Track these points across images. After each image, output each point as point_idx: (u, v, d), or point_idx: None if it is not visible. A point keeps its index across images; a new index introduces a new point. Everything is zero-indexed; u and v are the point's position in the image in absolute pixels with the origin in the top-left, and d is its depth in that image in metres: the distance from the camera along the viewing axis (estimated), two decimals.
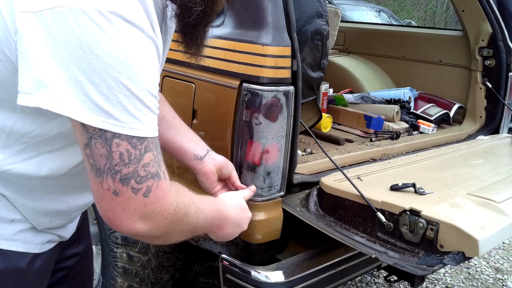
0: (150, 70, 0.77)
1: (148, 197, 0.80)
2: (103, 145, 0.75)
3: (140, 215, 0.80)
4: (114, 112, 0.74)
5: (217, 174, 1.33)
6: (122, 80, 0.73)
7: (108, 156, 0.75)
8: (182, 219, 0.89)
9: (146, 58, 0.76)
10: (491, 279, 3.01)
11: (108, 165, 0.76)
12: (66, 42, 0.71)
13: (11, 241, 0.93)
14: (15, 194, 0.91)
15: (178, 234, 0.93)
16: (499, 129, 2.50)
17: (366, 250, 1.35)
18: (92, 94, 0.72)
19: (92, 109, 0.73)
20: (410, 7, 15.91)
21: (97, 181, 0.78)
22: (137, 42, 0.75)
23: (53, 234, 1.02)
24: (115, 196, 0.78)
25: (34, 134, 0.86)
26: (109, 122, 0.74)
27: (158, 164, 0.81)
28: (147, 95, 0.77)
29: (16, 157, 0.87)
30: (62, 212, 1.01)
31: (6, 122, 0.85)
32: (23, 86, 0.73)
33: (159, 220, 0.83)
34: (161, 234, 0.87)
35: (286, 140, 1.48)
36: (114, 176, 0.76)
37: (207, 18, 0.93)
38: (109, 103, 0.73)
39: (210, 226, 1.07)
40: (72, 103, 0.72)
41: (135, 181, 0.78)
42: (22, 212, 0.94)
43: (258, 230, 1.49)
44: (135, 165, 0.77)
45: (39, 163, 0.89)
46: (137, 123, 0.76)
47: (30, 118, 0.84)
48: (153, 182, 0.80)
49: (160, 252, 1.97)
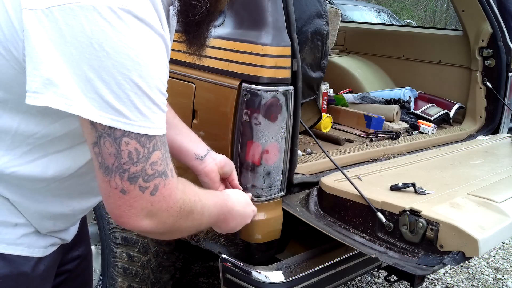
0: (160, 67, 0.77)
1: (155, 195, 0.80)
2: (112, 143, 0.75)
3: (147, 213, 0.81)
4: (124, 110, 0.73)
5: (219, 174, 1.33)
6: (133, 78, 0.73)
7: (117, 155, 0.75)
8: (187, 216, 0.89)
9: (156, 55, 0.76)
10: (491, 279, 3.01)
11: (117, 164, 0.76)
12: (75, 39, 0.70)
13: (15, 246, 0.92)
14: (19, 197, 0.90)
15: (184, 230, 0.93)
16: (499, 129, 2.50)
17: (366, 250, 1.35)
18: (103, 92, 0.72)
19: (102, 107, 0.72)
20: (410, 7, 15.90)
21: (105, 179, 0.78)
22: (147, 40, 0.74)
23: (56, 237, 1.02)
24: (122, 194, 0.78)
25: (40, 135, 0.85)
26: (119, 120, 0.73)
27: (166, 162, 0.81)
28: (157, 93, 0.77)
29: (22, 159, 0.86)
30: (66, 215, 1.00)
31: (11, 124, 0.84)
32: (32, 85, 0.72)
33: (165, 217, 0.84)
34: (167, 230, 0.88)
35: (286, 140, 1.48)
36: (122, 174, 0.76)
37: (210, 16, 0.93)
38: (119, 101, 0.73)
39: (215, 220, 1.08)
40: (82, 101, 0.72)
41: (142, 179, 0.78)
42: (26, 216, 0.93)
43: (258, 230, 1.49)
44: (143, 163, 0.77)
45: (45, 164, 0.88)
46: (146, 121, 0.76)
47: (35, 119, 0.83)
48: (160, 180, 0.80)
49: (160, 252, 1.97)
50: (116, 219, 0.81)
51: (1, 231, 0.90)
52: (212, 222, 1.07)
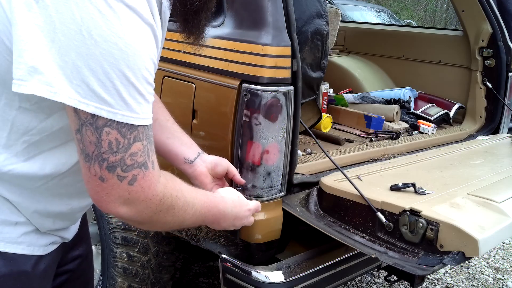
0: (148, 57, 0.78)
1: (133, 185, 0.81)
2: (93, 132, 0.76)
3: (124, 201, 0.83)
4: (108, 99, 0.74)
5: (211, 175, 1.33)
6: (120, 67, 0.73)
7: (97, 143, 0.77)
8: (167, 210, 0.90)
9: (144, 45, 0.77)
10: (491, 279, 3.01)
11: (96, 152, 0.77)
12: (65, 26, 0.70)
13: (16, 244, 0.92)
14: (18, 197, 0.91)
15: (164, 224, 0.94)
16: (499, 129, 2.50)
17: (366, 250, 1.35)
18: (89, 80, 0.72)
19: (87, 95, 0.73)
20: (410, 7, 15.90)
21: (85, 165, 0.79)
22: (136, 29, 0.75)
23: (56, 236, 1.02)
24: (101, 181, 0.80)
25: (35, 131, 0.86)
26: (103, 108, 0.74)
27: (147, 154, 0.82)
28: (143, 83, 0.77)
29: (18, 157, 0.87)
30: (65, 214, 1.00)
31: (5, 121, 0.84)
32: (16, 73, 0.73)
33: (142, 207, 0.85)
34: (145, 221, 0.89)
35: (286, 140, 1.48)
36: (101, 163, 0.78)
37: (208, 4, 0.94)
38: (104, 90, 0.73)
39: (203, 220, 1.08)
40: (66, 89, 0.72)
41: (121, 169, 0.79)
42: (25, 215, 0.93)
43: (258, 230, 1.49)
44: (122, 154, 0.78)
45: (42, 161, 0.88)
46: (130, 111, 0.77)
47: (29, 114, 0.84)
48: (139, 171, 0.81)
49: (160, 252, 1.97)
50: (96, 203, 0.84)
51: (1, 230, 0.90)
52: (199, 221, 1.07)
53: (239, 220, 1.23)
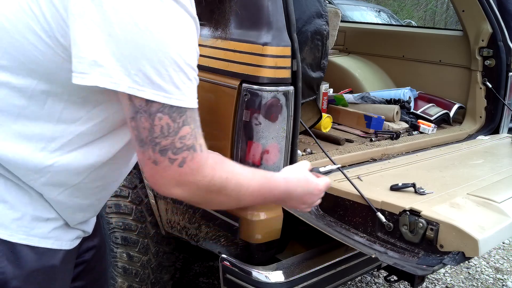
0: (192, 46, 0.85)
1: (182, 167, 0.86)
2: (147, 119, 0.82)
3: (176, 182, 0.87)
4: (163, 85, 0.80)
5: None
6: (172, 55, 0.80)
7: (150, 129, 0.82)
8: (219, 191, 0.93)
9: (190, 35, 0.84)
10: (491, 279, 3.01)
11: (150, 137, 0.83)
12: (121, 20, 0.77)
13: (46, 239, 0.96)
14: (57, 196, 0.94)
15: (220, 203, 0.98)
16: (499, 129, 2.50)
17: (366, 250, 1.35)
18: (145, 69, 0.79)
19: (145, 83, 0.79)
20: (410, 7, 15.90)
21: (140, 150, 0.85)
22: (183, 21, 0.82)
23: (80, 230, 1.05)
24: (154, 165, 0.85)
25: (80, 122, 0.90)
26: (159, 94, 0.80)
27: (195, 137, 0.88)
28: (191, 69, 0.84)
29: (63, 149, 0.91)
30: (94, 206, 1.06)
31: (52, 114, 0.88)
32: (78, 67, 0.79)
33: (194, 189, 0.90)
34: (200, 201, 0.96)
35: (286, 140, 1.48)
36: (154, 147, 0.84)
37: None
38: (160, 77, 0.80)
39: (263, 200, 1.08)
40: (125, 79, 0.78)
41: (172, 152, 0.84)
42: (58, 211, 0.97)
43: (258, 230, 1.49)
44: (172, 137, 0.84)
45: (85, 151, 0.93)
46: (181, 95, 0.83)
47: (75, 106, 0.89)
48: (188, 154, 0.86)
49: (160, 252, 1.97)
50: (152, 186, 0.90)
51: (35, 225, 0.94)
52: (259, 201, 1.07)
53: (308, 198, 1.18)
